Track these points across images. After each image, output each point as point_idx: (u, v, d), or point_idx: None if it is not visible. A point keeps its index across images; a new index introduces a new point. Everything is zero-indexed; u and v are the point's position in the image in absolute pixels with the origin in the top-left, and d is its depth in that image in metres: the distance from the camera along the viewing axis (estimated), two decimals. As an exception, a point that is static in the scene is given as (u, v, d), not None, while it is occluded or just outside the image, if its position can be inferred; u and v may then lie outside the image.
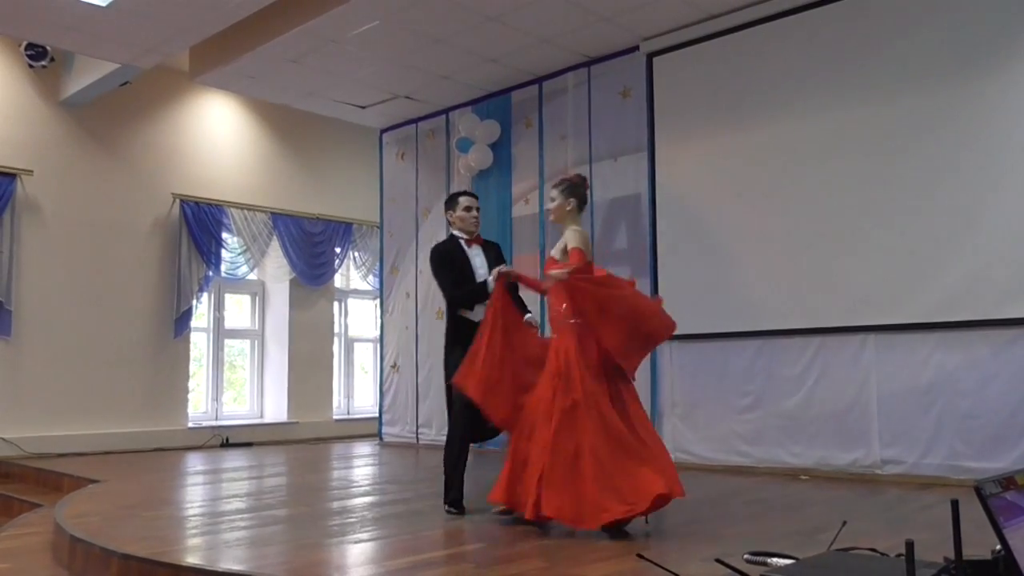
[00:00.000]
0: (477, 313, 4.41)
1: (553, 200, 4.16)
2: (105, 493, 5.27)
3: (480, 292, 4.39)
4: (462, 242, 4.62)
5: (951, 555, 1.81)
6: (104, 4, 5.91)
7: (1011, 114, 4.90)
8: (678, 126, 6.43)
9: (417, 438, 8.29)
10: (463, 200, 4.67)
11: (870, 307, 5.37)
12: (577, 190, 4.17)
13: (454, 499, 4.26)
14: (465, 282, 4.50)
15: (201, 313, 9.11)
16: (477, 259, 4.59)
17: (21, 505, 5.72)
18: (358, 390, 10.53)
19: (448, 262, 4.56)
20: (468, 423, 4.24)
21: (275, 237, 9.38)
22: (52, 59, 7.80)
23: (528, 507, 3.64)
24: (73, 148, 8.12)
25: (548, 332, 7.15)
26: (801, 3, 5.76)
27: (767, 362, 5.85)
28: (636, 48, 6.66)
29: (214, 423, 9.01)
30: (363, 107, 8.15)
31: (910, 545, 1.77)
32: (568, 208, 4.12)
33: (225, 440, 8.73)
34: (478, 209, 4.71)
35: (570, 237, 4.01)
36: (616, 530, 3.55)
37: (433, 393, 8.15)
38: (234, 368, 9.76)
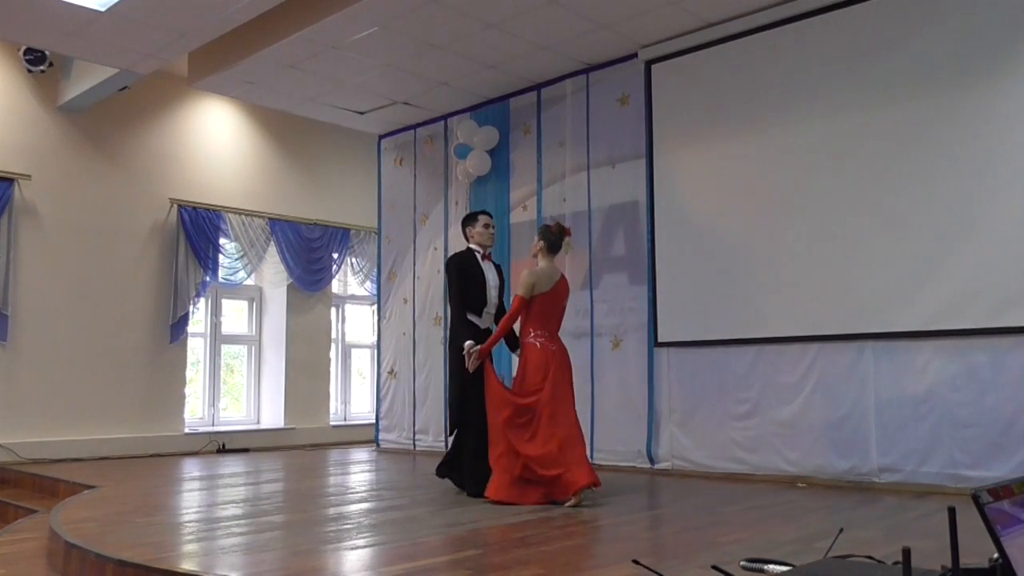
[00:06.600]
0: (484, 320, 5.18)
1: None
2: (101, 499, 5.25)
3: (472, 333, 5.09)
4: (478, 256, 5.27)
5: (948, 563, 1.80)
6: (103, 9, 5.91)
7: (1009, 123, 4.90)
8: (676, 133, 6.44)
9: (414, 444, 8.28)
10: (482, 218, 5.39)
11: (868, 315, 5.37)
12: (547, 234, 4.95)
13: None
14: (477, 291, 5.17)
15: (198, 319, 9.10)
16: (490, 274, 5.27)
17: (17, 511, 5.70)
18: (355, 396, 10.51)
19: (465, 272, 5.20)
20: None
21: (273, 242, 9.38)
22: (51, 64, 7.79)
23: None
24: (71, 153, 8.12)
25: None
26: (799, 12, 5.78)
27: (765, 369, 5.84)
28: (634, 55, 6.67)
29: (211, 429, 8.98)
30: (362, 113, 8.16)
31: (907, 553, 1.77)
32: (538, 247, 4.99)
33: (222, 446, 8.72)
34: (495, 227, 5.48)
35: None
36: None
37: (430, 399, 8.14)
38: (231, 373, 9.75)
